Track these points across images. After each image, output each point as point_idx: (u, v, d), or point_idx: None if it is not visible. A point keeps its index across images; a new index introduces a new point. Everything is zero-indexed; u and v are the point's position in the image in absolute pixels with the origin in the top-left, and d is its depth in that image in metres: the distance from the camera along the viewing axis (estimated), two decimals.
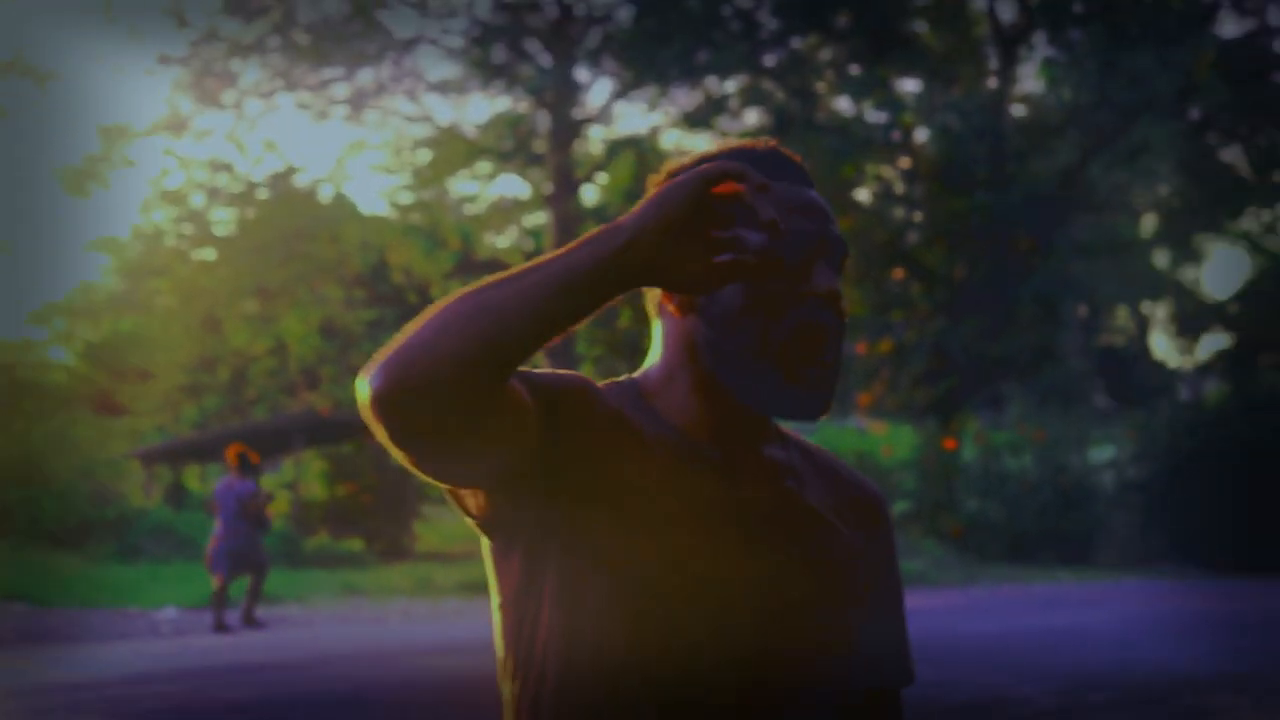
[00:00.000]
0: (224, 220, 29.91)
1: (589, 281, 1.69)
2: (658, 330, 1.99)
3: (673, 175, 1.93)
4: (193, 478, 36.49)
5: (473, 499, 1.87)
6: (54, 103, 31.37)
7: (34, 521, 24.85)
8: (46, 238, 38.56)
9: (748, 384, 1.89)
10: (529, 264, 1.72)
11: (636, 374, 2.00)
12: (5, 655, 15.39)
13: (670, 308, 1.95)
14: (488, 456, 1.75)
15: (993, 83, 29.96)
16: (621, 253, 1.69)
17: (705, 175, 1.71)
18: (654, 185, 1.92)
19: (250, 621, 16.65)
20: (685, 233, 1.72)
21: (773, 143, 1.97)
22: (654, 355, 1.99)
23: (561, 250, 1.71)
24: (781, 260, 1.87)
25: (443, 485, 1.82)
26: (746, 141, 1.97)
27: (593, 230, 1.72)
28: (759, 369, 1.88)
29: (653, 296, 1.99)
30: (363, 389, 1.67)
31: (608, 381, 2.00)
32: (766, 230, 1.73)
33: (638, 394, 1.96)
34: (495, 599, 1.93)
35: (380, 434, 1.68)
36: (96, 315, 33.91)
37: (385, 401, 1.64)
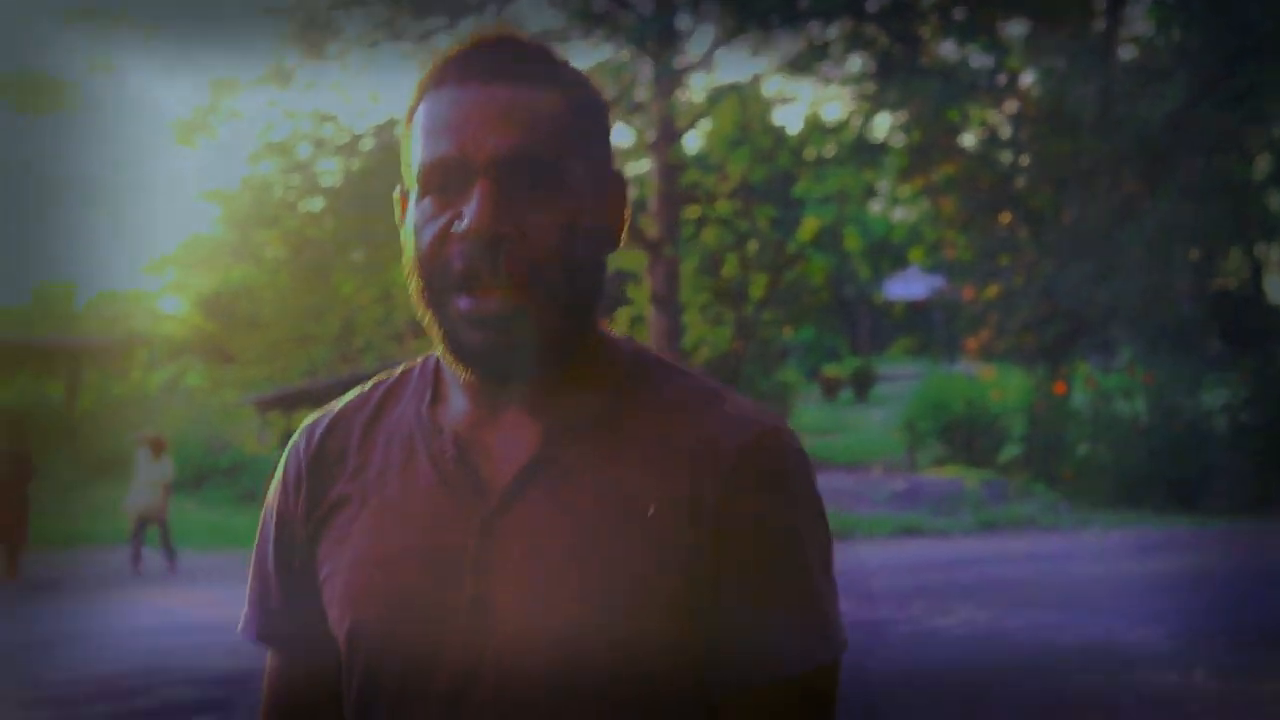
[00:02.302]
0: (330, 171, 30.13)
1: None
2: None
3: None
4: None
5: None
6: (161, 56, 31.76)
7: None
8: (158, 190, 39.11)
9: (447, 337, 1.62)
10: None
11: None
12: (126, 598, 15.71)
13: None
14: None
15: (1100, 24, 29.53)
16: None
17: None
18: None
19: None
20: None
21: (486, 34, 1.65)
22: None
23: None
24: (428, 194, 1.61)
25: None
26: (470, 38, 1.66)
27: None
28: (446, 319, 1.61)
29: None
30: None
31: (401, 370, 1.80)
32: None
33: (428, 372, 1.76)
34: None
35: None
36: (207, 266, 34.35)
37: None
